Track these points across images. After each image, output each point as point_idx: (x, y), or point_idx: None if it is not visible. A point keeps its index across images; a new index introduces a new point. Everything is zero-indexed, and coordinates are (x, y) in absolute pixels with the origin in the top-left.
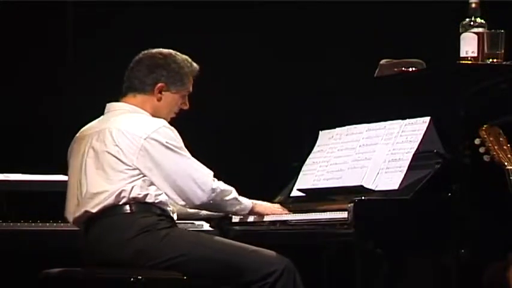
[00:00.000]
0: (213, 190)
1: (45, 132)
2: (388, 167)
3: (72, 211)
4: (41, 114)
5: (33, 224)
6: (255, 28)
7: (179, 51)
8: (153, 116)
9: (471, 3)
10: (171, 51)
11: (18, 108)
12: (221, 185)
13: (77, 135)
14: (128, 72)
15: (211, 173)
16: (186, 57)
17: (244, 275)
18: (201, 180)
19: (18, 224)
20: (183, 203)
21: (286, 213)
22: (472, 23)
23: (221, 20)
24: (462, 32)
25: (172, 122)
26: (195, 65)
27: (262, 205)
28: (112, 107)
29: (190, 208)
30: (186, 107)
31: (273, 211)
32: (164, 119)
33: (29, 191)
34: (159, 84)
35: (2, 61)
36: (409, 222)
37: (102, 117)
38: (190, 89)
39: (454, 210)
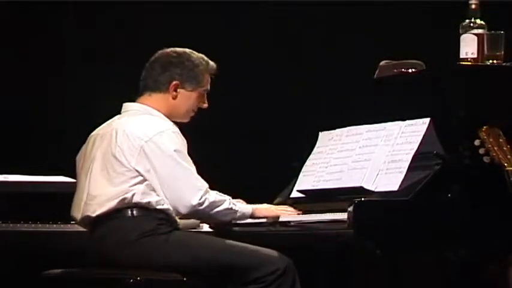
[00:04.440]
0: (200, 204)
1: (46, 133)
2: (388, 168)
3: (78, 211)
4: (42, 114)
5: (32, 225)
6: (254, 28)
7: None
8: (171, 115)
9: (471, 4)
10: (186, 49)
11: (19, 108)
12: (211, 197)
13: (91, 134)
14: (143, 73)
15: (205, 185)
16: (202, 55)
17: (246, 275)
18: (189, 192)
19: (18, 225)
20: (176, 209)
21: (291, 213)
22: (471, 24)
23: (220, 19)
24: (462, 33)
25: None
26: (211, 63)
27: (263, 209)
28: (126, 107)
29: (178, 216)
30: (205, 106)
31: (276, 214)
32: (183, 117)
33: (29, 192)
34: (174, 82)
35: (3, 61)
36: (408, 223)
37: (115, 117)
38: (208, 87)
39: (454, 212)
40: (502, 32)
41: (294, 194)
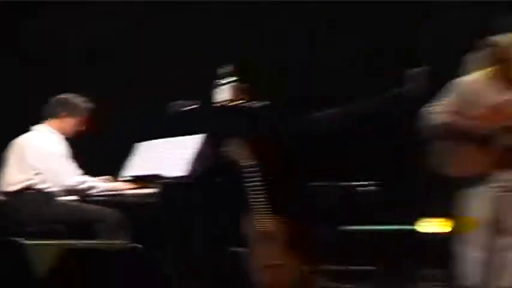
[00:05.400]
0: (75, 185)
1: None
2: (179, 163)
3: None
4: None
5: None
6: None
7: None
8: (62, 132)
9: (222, 72)
10: (75, 96)
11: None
12: (81, 178)
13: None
14: (47, 107)
15: (77, 172)
16: (85, 99)
17: (93, 225)
18: (64, 177)
19: None
20: (57, 188)
21: (128, 188)
22: (224, 80)
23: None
24: (219, 85)
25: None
26: (87, 104)
27: (114, 185)
28: (36, 127)
29: (63, 193)
30: (82, 128)
31: (120, 188)
32: (70, 133)
33: None
34: (63, 113)
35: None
36: (193, 198)
37: (29, 132)
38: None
39: (224, 191)
40: (247, 84)
41: (127, 176)
